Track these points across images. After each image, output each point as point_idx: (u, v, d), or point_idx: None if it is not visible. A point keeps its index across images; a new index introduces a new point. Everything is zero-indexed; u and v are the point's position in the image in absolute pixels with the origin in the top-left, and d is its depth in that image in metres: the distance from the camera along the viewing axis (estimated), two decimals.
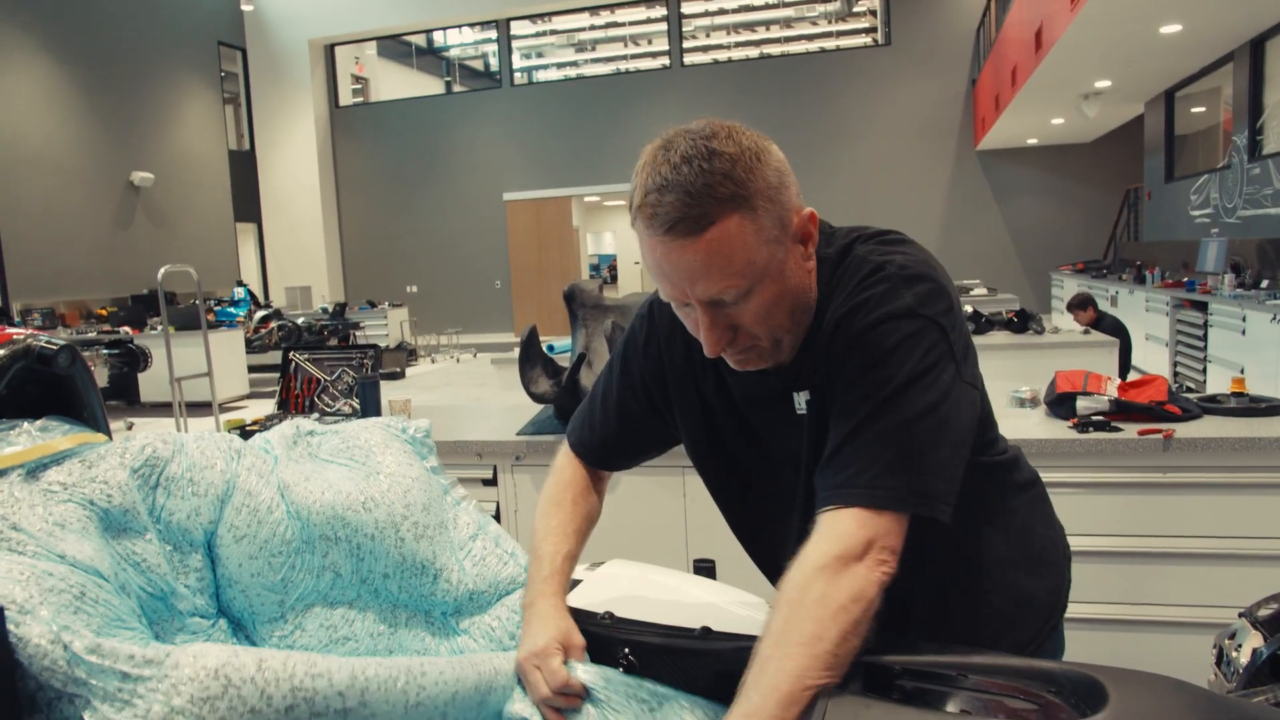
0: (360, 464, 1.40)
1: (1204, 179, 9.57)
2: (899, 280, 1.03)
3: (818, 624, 0.90)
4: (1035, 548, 1.25)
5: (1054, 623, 1.26)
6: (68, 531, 1.08)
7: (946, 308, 1.03)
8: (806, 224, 1.04)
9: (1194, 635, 2.58)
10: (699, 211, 0.95)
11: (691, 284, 0.99)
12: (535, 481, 3.14)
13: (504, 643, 1.37)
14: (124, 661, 0.93)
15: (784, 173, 1.02)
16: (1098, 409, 2.83)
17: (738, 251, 0.97)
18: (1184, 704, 0.85)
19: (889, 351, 0.99)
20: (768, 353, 1.08)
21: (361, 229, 18.03)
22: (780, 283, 1.02)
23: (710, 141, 0.98)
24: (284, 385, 3.69)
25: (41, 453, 1.14)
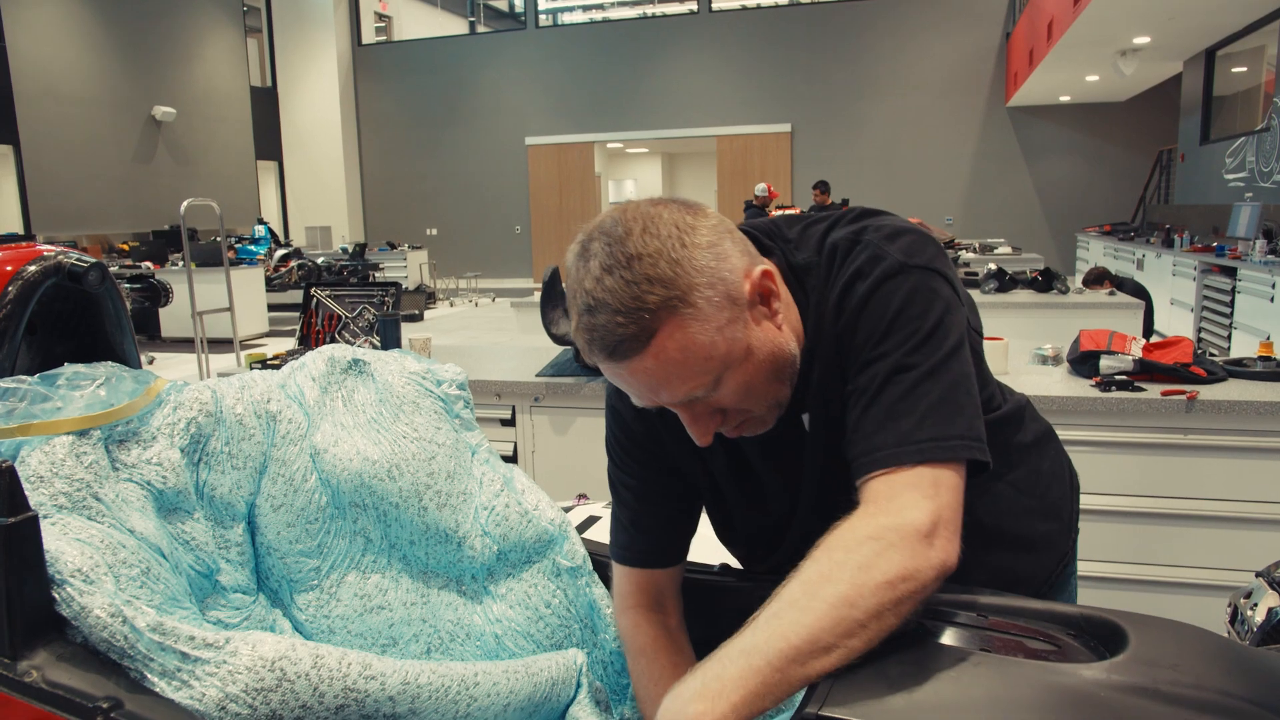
0: (389, 425, 1.41)
1: (1240, 141, 9.35)
2: (879, 241, 0.99)
3: (854, 589, 0.82)
4: (1041, 495, 1.23)
5: (1064, 563, 1.26)
6: (131, 508, 1.11)
7: (936, 252, 1.00)
8: (761, 283, 0.95)
9: (1209, 597, 2.59)
10: (635, 330, 0.88)
11: (655, 394, 0.94)
12: (554, 423, 3.15)
13: (539, 610, 1.38)
14: (184, 642, 0.95)
15: (718, 243, 0.92)
16: (1121, 368, 2.81)
17: (691, 353, 0.90)
18: (1204, 650, 0.86)
19: (897, 311, 0.96)
20: (769, 416, 1.03)
21: (382, 170, 17.95)
22: (750, 358, 0.95)
23: (626, 244, 0.89)
24: (305, 321, 3.71)
25: (107, 419, 1.15)
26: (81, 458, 1.09)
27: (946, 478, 0.90)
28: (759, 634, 0.81)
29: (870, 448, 0.93)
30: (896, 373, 0.94)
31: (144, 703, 0.85)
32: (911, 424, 0.92)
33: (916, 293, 0.96)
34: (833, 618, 0.81)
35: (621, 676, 1.40)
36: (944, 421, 0.92)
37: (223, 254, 7.18)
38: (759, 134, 15.77)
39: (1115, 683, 0.78)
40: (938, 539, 0.86)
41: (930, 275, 0.98)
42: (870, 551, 0.84)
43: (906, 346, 0.94)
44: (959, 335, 0.97)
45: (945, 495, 0.89)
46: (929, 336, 0.95)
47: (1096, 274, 5.88)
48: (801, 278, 1.04)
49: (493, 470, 1.45)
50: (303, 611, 1.35)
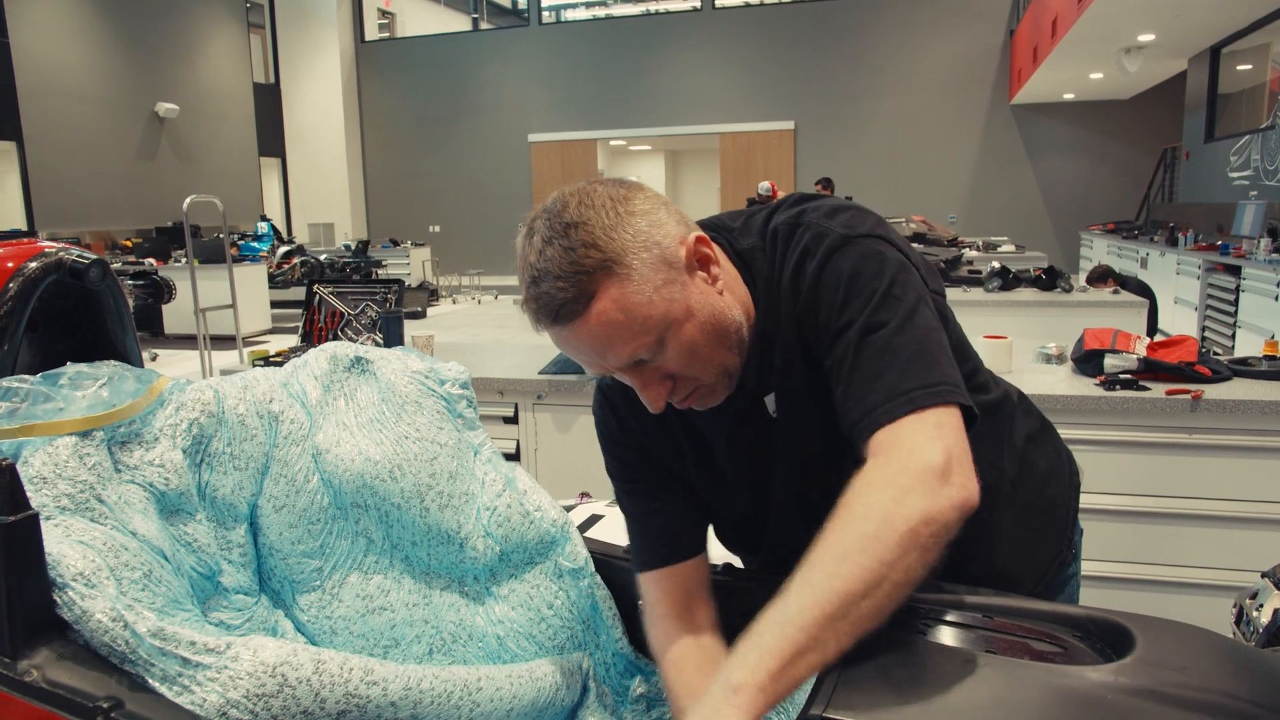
0: (391, 425, 1.40)
1: (1245, 140, 9.32)
2: (819, 220, 1.03)
3: (879, 543, 0.82)
4: (1036, 492, 1.22)
5: (1061, 562, 1.25)
6: (134, 510, 1.10)
7: (876, 221, 1.04)
8: (696, 249, 1.00)
9: (1213, 597, 2.58)
10: (575, 292, 0.93)
11: (602, 358, 0.98)
12: (556, 421, 3.15)
13: (541, 611, 1.38)
14: (185, 648, 0.95)
15: (652, 211, 0.98)
16: (1126, 367, 2.80)
17: (630, 312, 0.94)
18: (1212, 652, 0.85)
19: (850, 279, 0.99)
20: (720, 386, 1.05)
21: (385, 167, 17.95)
22: (691, 319, 0.98)
23: (563, 215, 0.95)
24: (307, 318, 3.70)
25: (109, 420, 1.15)
26: (85, 459, 1.09)
27: (946, 417, 0.92)
28: (790, 602, 0.83)
29: (864, 410, 0.94)
30: (866, 334, 0.96)
31: (145, 702, 0.85)
32: (895, 377, 0.94)
33: (865, 258, 0.99)
34: (859, 574, 0.82)
35: (624, 678, 1.39)
36: (925, 370, 0.94)
37: (225, 251, 7.18)
38: (762, 131, 15.75)
39: (1122, 685, 0.78)
40: (954, 475, 0.87)
41: (874, 241, 1.01)
42: (888, 500, 0.85)
43: (869, 308, 0.97)
44: (916, 291, 0.99)
45: (950, 434, 0.90)
46: (887, 294, 0.97)
47: (1101, 272, 5.86)
48: (748, 262, 1.07)
49: (495, 470, 1.44)
50: (305, 612, 1.35)
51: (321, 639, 1.36)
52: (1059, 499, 1.26)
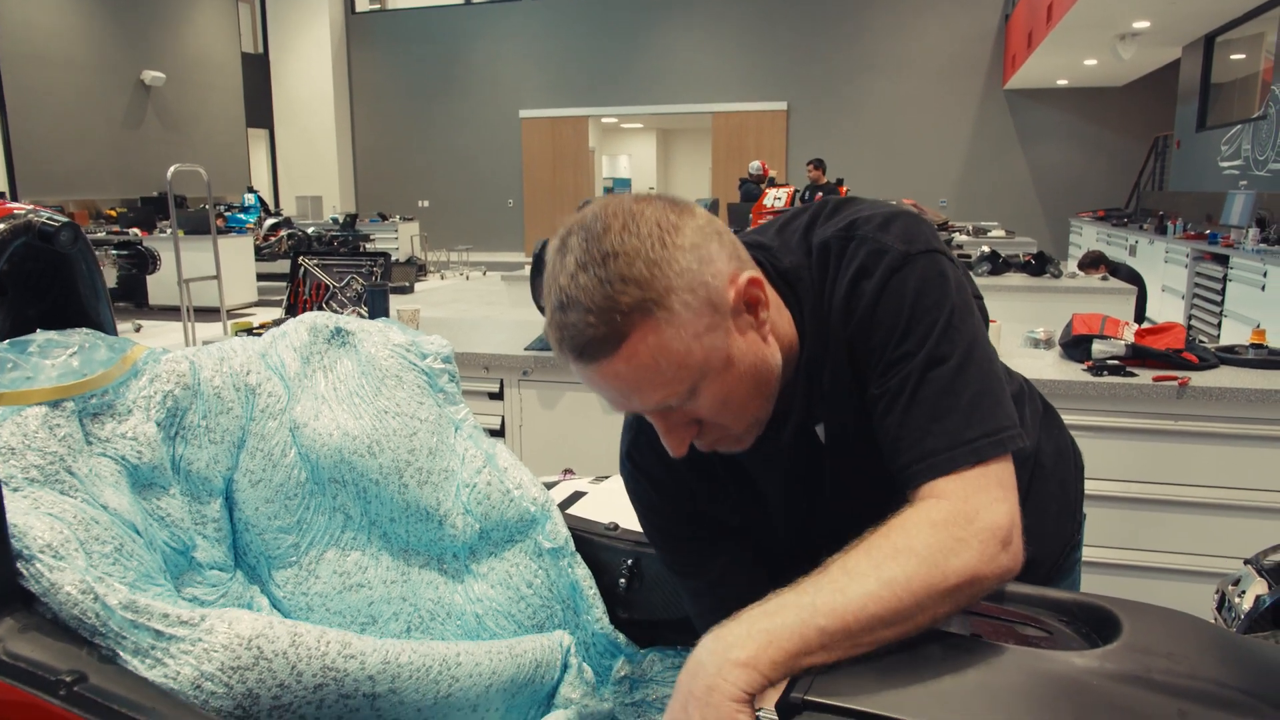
0: (370, 399, 1.38)
1: (1237, 129, 9.33)
2: (873, 233, 0.94)
3: (923, 581, 0.79)
4: (1046, 478, 1.21)
5: (1070, 548, 1.24)
6: (105, 484, 1.08)
7: (930, 231, 0.96)
8: (748, 291, 0.89)
9: (1196, 583, 2.59)
10: (606, 331, 0.83)
11: (627, 400, 0.89)
12: (541, 397, 3.13)
13: (521, 590, 1.36)
14: (158, 620, 0.92)
15: (702, 246, 0.87)
16: (1113, 353, 2.80)
17: (663, 359, 0.84)
18: (1198, 639, 0.84)
19: (912, 304, 0.91)
20: (748, 436, 0.97)
21: (375, 140, 17.78)
22: (730, 369, 0.89)
23: (603, 240, 0.84)
24: (292, 290, 3.66)
25: (80, 390, 1.12)
26: (55, 430, 1.06)
27: (1006, 474, 0.88)
28: (820, 598, 0.79)
29: (922, 453, 0.89)
30: (928, 369, 0.90)
31: (109, 675, 0.82)
32: (958, 422, 0.88)
33: (927, 281, 0.92)
34: (894, 605, 0.79)
35: (604, 659, 1.38)
36: (989, 414, 0.89)
37: (210, 221, 7.09)
38: (755, 111, 15.67)
39: (1108, 671, 0.77)
40: (1012, 544, 0.84)
41: (935, 258, 0.93)
42: (947, 547, 0.81)
43: (931, 340, 0.90)
44: (975, 315, 0.94)
45: (1012, 495, 0.87)
46: (949, 325, 0.91)
47: (1092, 257, 5.86)
48: (792, 283, 0.98)
49: (476, 446, 1.42)
50: (281, 588, 1.33)
51: (298, 616, 1.34)
52: (1068, 482, 1.25)
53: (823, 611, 0.78)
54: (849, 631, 0.78)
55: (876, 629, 0.79)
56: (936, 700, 0.75)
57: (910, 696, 0.75)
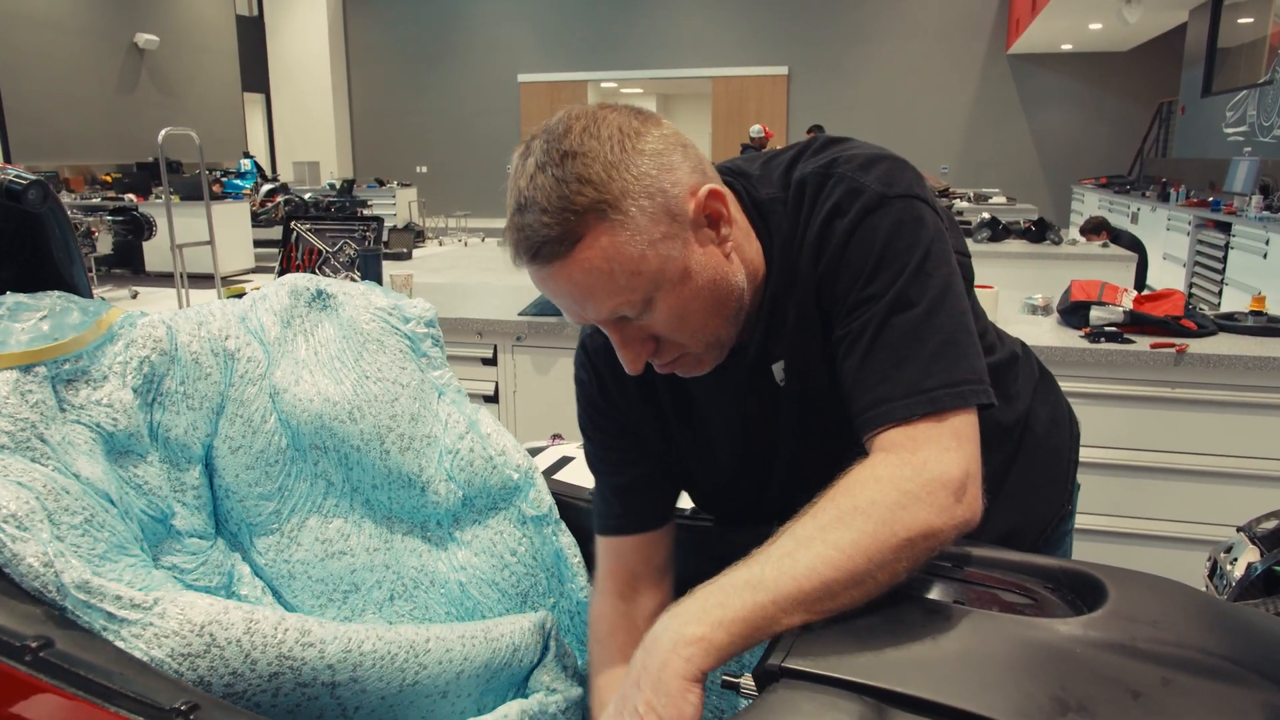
0: (351, 364, 1.35)
1: (1243, 95, 9.21)
2: (853, 173, 0.92)
3: (874, 540, 0.78)
4: (1038, 444, 1.18)
5: (1062, 517, 1.22)
6: (78, 452, 1.05)
7: (914, 177, 0.93)
8: (708, 204, 0.88)
9: (1189, 551, 2.59)
10: (560, 231, 0.82)
11: (581, 307, 0.88)
12: (535, 363, 3.11)
13: (504, 558, 1.34)
14: (110, 602, 0.90)
15: (664, 153, 0.86)
16: (1111, 319, 2.77)
17: (617, 264, 0.83)
18: (1184, 606, 0.83)
19: (883, 246, 0.89)
20: (707, 357, 0.95)
21: (372, 105, 17.60)
22: (687, 282, 0.87)
23: (564, 141, 0.83)
24: (285, 255, 3.63)
25: (51, 354, 1.09)
26: (26, 396, 1.04)
27: (964, 426, 0.85)
28: (768, 570, 0.78)
29: (878, 398, 0.86)
30: (893, 313, 0.87)
31: (76, 640, 0.81)
32: (918, 370, 0.86)
33: (902, 224, 0.89)
34: (846, 566, 0.77)
35: (588, 627, 1.37)
36: (951, 365, 0.86)
37: (204, 186, 7.03)
38: (755, 76, 15.49)
39: (1092, 639, 0.75)
40: (966, 495, 0.82)
41: (913, 203, 0.91)
42: (895, 502, 0.79)
43: (900, 283, 0.88)
44: (950, 264, 0.91)
45: (968, 446, 0.84)
46: (920, 269, 0.88)
47: (1095, 223, 5.81)
48: (765, 214, 0.96)
49: (459, 411, 1.40)
50: (262, 555, 1.31)
51: (280, 583, 1.33)
52: (1061, 450, 1.23)
53: (773, 582, 0.77)
54: (805, 599, 0.77)
55: (835, 593, 0.77)
56: (916, 667, 0.73)
57: (889, 663, 0.74)
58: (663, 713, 0.75)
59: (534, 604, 1.35)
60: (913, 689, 0.71)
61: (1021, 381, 1.16)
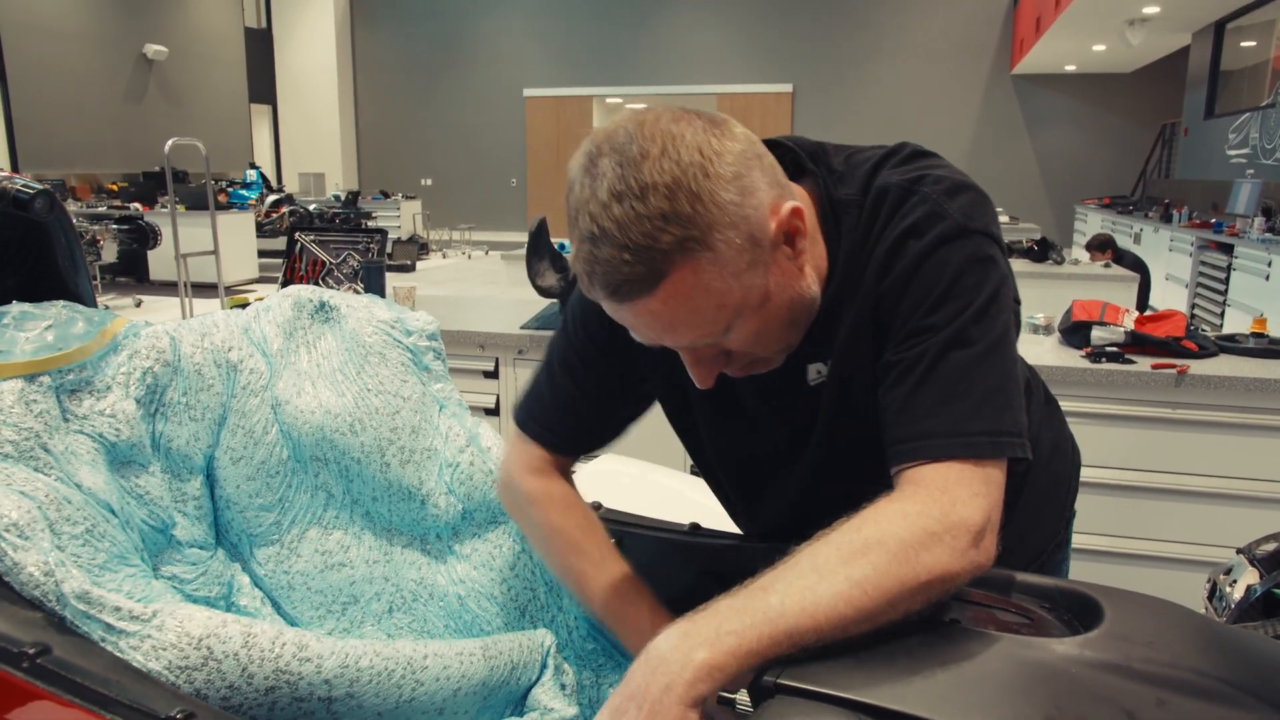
0: (353, 377, 1.36)
1: (1245, 117, 9.25)
2: (939, 197, 0.89)
3: (892, 578, 0.77)
4: (1040, 471, 1.17)
5: (1058, 543, 1.22)
6: (81, 462, 1.06)
7: (993, 215, 0.92)
8: (789, 222, 0.85)
9: (1189, 572, 2.58)
10: (645, 271, 0.78)
11: (659, 337, 0.85)
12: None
13: (504, 572, 1.35)
14: (109, 613, 0.91)
15: (745, 174, 0.82)
16: (1112, 340, 2.78)
17: (703, 299, 0.81)
18: (1181, 627, 0.83)
19: (952, 280, 0.87)
20: (774, 360, 0.95)
21: (378, 117, 17.69)
22: (767, 304, 0.86)
23: (641, 169, 0.78)
24: (289, 266, 3.65)
25: (56, 364, 1.10)
26: (31, 405, 1.04)
27: (995, 476, 0.84)
28: (789, 602, 0.76)
29: (920, 433, 0.85)
30: (950, 349, 0.86)
31: (74, 648, 0.81)
32: (966, 412, 0.85)
33: (975, 260, 0.88)
34: (865, 606, 0.76)
35: (586, 642, 1.36)
36: (997, 413, 0.85)
37: (209, 196, 7.06)
38: (760, 94, 15.57)
39: (1088, 659, 0.75)
40: (984, 541, 0.81)
41: (988, 242, 0.89)
42: (916, 539, 0.78)
43: (962, 320, 0.86)
44: (1010, 312, 0.90)
45: (994, 494, 0.84)
46: (985, 310, 0.87)
47: (1100, 240, 5.81)
48: (840, 215, 0.94)
49: (459, 425, 1.41)
50: (262, 566, 1.32)
51: (279, 594, 1.33)
52: (1062, 478, 1.22)
53: (792, 614, 0.75)
54: (818, 632, 0.76)
55: (846, 627, 0.76)
56: (911, 686, 0.73)
57: (885, 680, 0.74)
58: None
59: (532, 618, 1.35)
60: (908, 706, 0.71)
61: (1033, 407, 1.15)
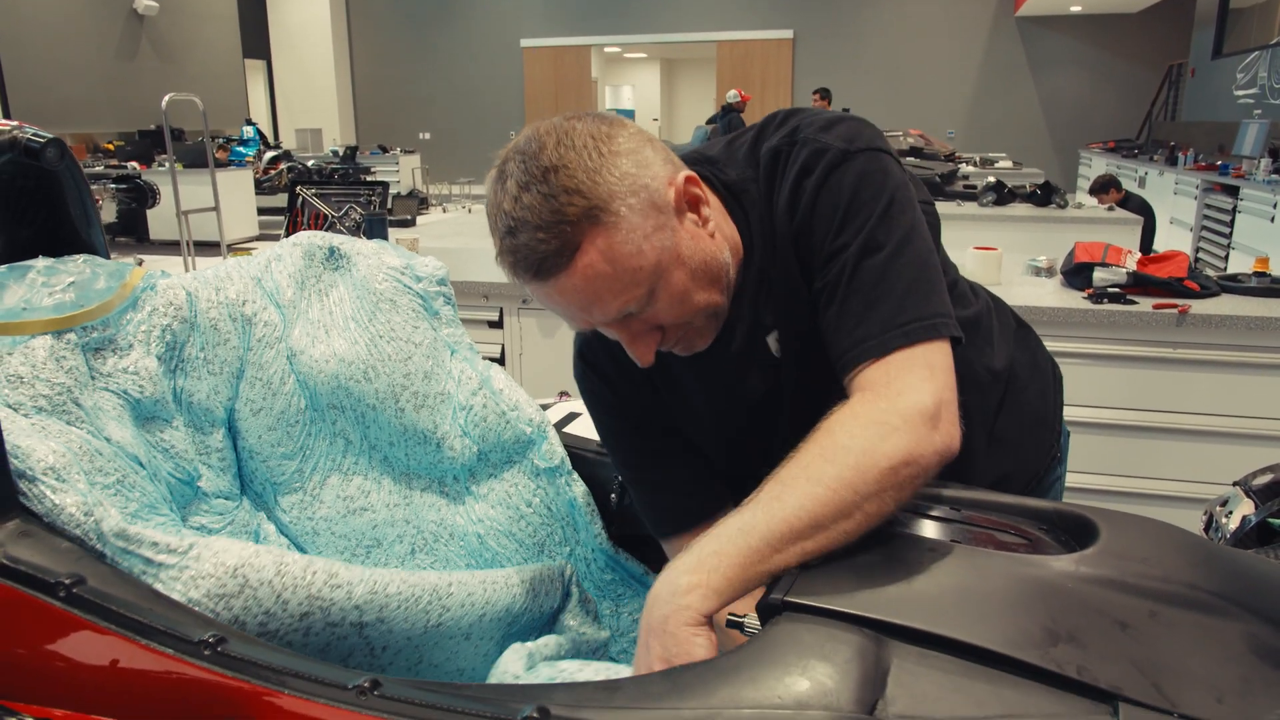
0: (365, 325, 1.38)
1: (1254, 56, 9.12)
2: (814, 135, 0.96)
3: (856, 472, 0.81)
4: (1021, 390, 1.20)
5: (1053, 461, 1.25)
6: (108, 417, 1.09)
7: (875, 133, 0.98)
8: (687, 189, 0.93)
9: (1187, 510, 2.63)
10: (559, 244, 0.85)
11: (588, 313, 0.91)
12: (541, 326, 3.13)
13: (520, 509, 1.38)
14: (148, 548, 0.94)
15: (637, 150, 0.90)
16: (1114, 281, 2.79)
17: (619, 264, 0.87)
18: (1174, 545, 0.85)
19: (849, 199, 0.93)
20: (707, 329, 0.99)
21: (374, 71, 17.47)
22: (682, 266, 0.91)
23: (540, 157, 0.86)
24: (291, 220, 3.65)
25: (80, 320, 1.12)
26: (61, 362, 1.07)
27: (938, 357, 0.89)
28: (758, 513, 0.82)
29: (855, 340, 0.91)
30: (864, 257, 0.92)
31: (107, 578, 0.85)
32: (891, 308, 0.90)
33: (866, 175, 0.94)
34: (832, 500, 0.81)
35: (605, 573, 1.41)
36: (922, 300, 0.91)
37: (208, 151, 7.02)
38: (760, 40, 15.33)
39: (1083, 574, 0.78)
40: (941, 422, 0.86)
41: (876, 155, 0.96)
42: (874, 435, 0.83)
43: (866, 230, 0.93)
44: (915, 211, 0.96)
45: (941, 375, 0.88)
46: (885, 214, 0.93)
47: (1104, 181, 5.77)
48: (738, 195, 1.00)
49: (471, 368, 1.43)
50: (287, 514, 1.35)
51: (304, 540, 1.36)
52: (1046, 395, 1.26)
53: (764, 524, 0.80)
54: (795, 535, 0.80)
55: (824, 526, 0.80)
56: (913, 601, 0.76)
57: (888, 598, 0.77)
58: (675, 658, 0.78)
59: (550, 553, 1.39)
60: (910, 621, 0.74)
61: (999, 331, 1.20)
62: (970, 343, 1.06)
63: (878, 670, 0.71)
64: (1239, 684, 0.69)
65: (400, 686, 0.75)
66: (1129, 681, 0.68)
